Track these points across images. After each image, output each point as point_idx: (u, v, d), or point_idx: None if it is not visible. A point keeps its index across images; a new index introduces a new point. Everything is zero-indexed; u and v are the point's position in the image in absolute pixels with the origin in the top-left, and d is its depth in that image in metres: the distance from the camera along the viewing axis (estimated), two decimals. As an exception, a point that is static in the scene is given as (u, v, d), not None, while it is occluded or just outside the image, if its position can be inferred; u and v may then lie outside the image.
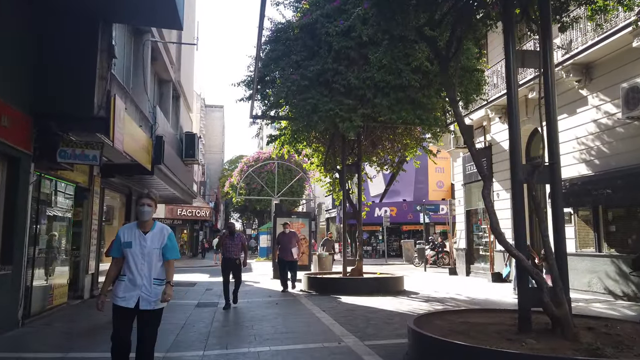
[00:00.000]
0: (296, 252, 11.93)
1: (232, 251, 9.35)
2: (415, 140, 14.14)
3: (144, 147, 10.02)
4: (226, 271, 9.40)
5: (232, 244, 9.35)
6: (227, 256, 9.43)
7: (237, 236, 9.50)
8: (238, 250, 9.38)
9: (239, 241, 9.42)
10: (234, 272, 9.41)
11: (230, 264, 9.39)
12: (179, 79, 15.75)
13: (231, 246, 9.35)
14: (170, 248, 4.08)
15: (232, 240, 9.36)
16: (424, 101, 10.65)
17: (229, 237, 9.43)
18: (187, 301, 10.41)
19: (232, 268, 9.38)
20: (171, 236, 4.15)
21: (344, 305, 9.46)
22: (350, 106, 10.97)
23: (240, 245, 9.42)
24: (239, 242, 9.42)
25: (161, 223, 4.24)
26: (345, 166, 12.82)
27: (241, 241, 9.47)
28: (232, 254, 9.35)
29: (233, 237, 9.39)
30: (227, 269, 9.39)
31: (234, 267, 9.39)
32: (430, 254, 22.72)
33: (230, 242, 9.37)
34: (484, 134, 16.26)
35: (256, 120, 12.72)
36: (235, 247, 9.36)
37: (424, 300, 10.20)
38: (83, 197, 10.01)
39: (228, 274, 9.38)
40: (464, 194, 17.50)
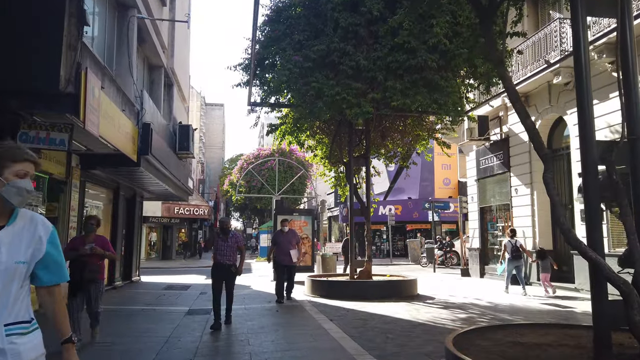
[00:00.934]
0: (296, 255, 9.86)
1: (225, 254, 7.31)
2: (427, 131, 13.01)
3: (128, 135, 8.90)
4: (217, 280, 7.39)
5: (225, 245, 7.33)
6: (219, 261, 7.36)
7: (232, 236, 7.44)
8: (233, 253, 7.35)
9: (234, 242, 7.38)
10: (227, 282, 7.40)
11: (223, 271, 7.33)
12: (172, 66, 14.63)
13: (224, 248, 7.32)
14: (53, 262, 1.93)
15: (225, 241, 7.35)
16: (441, 84, 9.54)
17: (222, 237, 7.42)
18: (176, 307, 9.31)
19: (225, 276, 7.36)
20: (53, 237, 1.96)
21: (354, 313, 8.34)
22: (359, 90, 9.88)
23: (235, 247, 7.39)
24: (234, 244, 7.37)
25: (33, 212, 2.01)
26: (353, 158, 11.70)
27: (237, 242, 7.43)
28: (225, 257, 7.31)
29: (227, 237, 7.37)
30: (219, 277, 7.39)
31: (227, 275, 7.36)
32: (438, 254, 21.59)
33: (222, 243, 7.36)
34: (499, 125, 15.12)
35: (255, 108, 11.60)
36: (229, 250, 7.32)
37: (442, 307, 9.08)
38: (59, 191, 8.90)
39: (219, 284, 7.36)
40: (478, 190, 16.37)
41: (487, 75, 9.91)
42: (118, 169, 10.64)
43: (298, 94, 10.33)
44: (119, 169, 10.30)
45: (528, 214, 13.43)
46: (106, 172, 10.82)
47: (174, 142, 14.45)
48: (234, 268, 7.39)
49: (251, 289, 12.63)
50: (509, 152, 14.41)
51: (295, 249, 9.90)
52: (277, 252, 9.99)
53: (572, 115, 11.72)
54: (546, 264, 11.00)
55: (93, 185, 10.85)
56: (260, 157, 38.89)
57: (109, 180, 11.60)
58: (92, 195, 11.34)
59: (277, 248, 9.99)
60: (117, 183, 12.18)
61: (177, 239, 33.42)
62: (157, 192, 15.00)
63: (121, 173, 11.36)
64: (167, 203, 29.44)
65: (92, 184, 10.63)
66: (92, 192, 11.29)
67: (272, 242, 10.36)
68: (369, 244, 11.48)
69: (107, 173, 11.00)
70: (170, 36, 14.34)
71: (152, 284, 14.20)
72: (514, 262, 11.19)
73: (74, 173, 9.12)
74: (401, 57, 9.46)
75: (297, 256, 10.00)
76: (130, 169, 10.46)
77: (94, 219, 6.21)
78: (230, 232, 7.47)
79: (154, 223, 30.82)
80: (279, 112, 12.34)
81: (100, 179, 11.03)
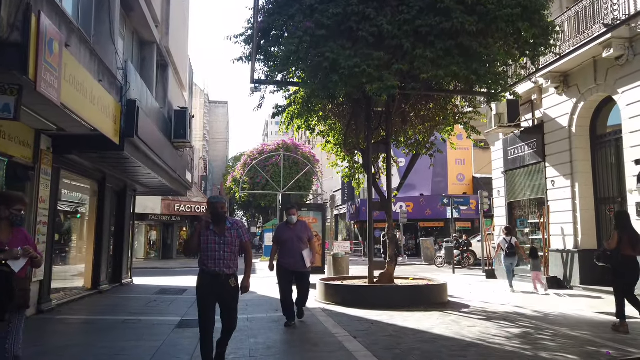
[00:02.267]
0: (309, 257, 6.91)
1: (220, 257, 4.40)
2: (453, 116, 11.44)
3: (107, 111, 7.42)
4: (206, 301, 4.41)
5: (220, 243, 4.43)
6: (210, 269, 4.40)
7: (232, 226, 4.53)
8: (233, 255, 4.49)
9: (234, 237, 4.49)
10: (223, 305, 4.52)
11: (217, 285, 4.41)
12: (167, 45, 13.16)
13: (219, 248, 4.41)
14: None
15: (219, 236, 4.44)
16: (481, 51, 7.99)
17: (213, 230, 4.46)
18: (166, 317, 7.82)
19: (220, 295, 4.44)
20: None
21: (380, 327, 6.81)
22: (381, 61, 8.36)
23: (237, 244, 4.52)
24: (234, 240, 4.49)
25: None
26: (371, 144, 10.17)
27: (240, 236, 4.55)
28: (220, 263, 4.40)
29: (222, 229, 4.47)
30: (209, 296, 4.42)
31: (224, 292, 4.45)
32: (454, 254, 20.04)
33: (215, 238, 4.43)
34: (532, 110, 13.55)
35: (259, 86, 10.10)
36: (228, 250, 4.44)
37: (484, 318, 7.55)
38: (25, 179, 7.43)
39: (210, 307, 4.41)
40: (505, 183, 14.79)
41: (533, 45, 8.35)
42: (100, 155, 9.18)
43: (309, 67, 8.83)
44: (100, 154, 8.83)
45: (568, 208, 11.86)
46: (87, 159, 9.36)
47: (169, 129, 12.99)
48: (234, 282, 4.44)
49: (255, 294, 11.10)
50: (543, 139, 12.83)
51: (308, 247, 6.90)
52: (281, 252, 6.99)
53: (625, 95, 10.14)
54: (537, 262, 11.42)
55: (72, 174, 9.38)
56: (264, 153, 37.49)
57: (93, 169, 10.13)
58: (70, 186, 9.89)
59: (281, 247, 7.01)
60: (103, 173, 10.71)
61: (179, 237, 31.98)
62: (151, 185, 13.54)
63: (106, 161, 9.90)
64: (167, 200, 28.04)
65: (70, 172, 9.16)
66: (71, 183, 9.84)
67: (275, 239, 7.25)
68: (391, 242, 9.95)
69: (89, 160, 9.53)
70: (165, 10, 12.86)
71: (144, 287, 12.74)
72: (508, 258, 11.65)
73: (44, 157, 7.65)
74: (432, 20, 7.95)
75: (311, 258, 6.93)
76: (113, 155, 9.00)
77: (19, 201, 3.66)
78: (229, 221, 4.53)
79: (154, 221, 29.41)
80: (286, 92, 10.82)
81: (81, 168, 9.57)
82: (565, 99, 12.05)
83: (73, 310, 8.45)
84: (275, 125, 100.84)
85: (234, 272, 4.50)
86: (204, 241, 4.46)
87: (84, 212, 10.86)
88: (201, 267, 4.50)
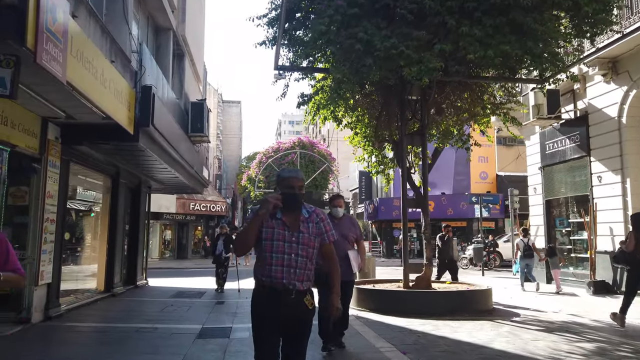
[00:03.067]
0: (357, 260, 5.22)
1: (288, 264, 2.72)
2: (491, 107, 10.53)
3: (120, 96, 6.70)
4: (266, 333, 2.76)
5: (290, 239, 2.74)
6: (273, 281, 2.72)
7: (311, 216, 2.83)
8: (308, 263, 2.78)
9: (314, 235, 2.79)
10: (289, 336, 2.79)
11: (281, 308, 2.73)
12: (184, 34, 12.46)
13: (288, 248, 2.73)
14: None
15: (290, 232, 2.75)
16: (536, 28, 7.09)
17: (280, 218, 2.76)
18: (185, 325, 7.07)
19: (285, 322, 2.75)
20: None
21: (430, 340, 5.96)
22: (421, 41, 7.54)
23: (316, 247, 2.81)
24: (313, 239, 2.79)
25: None
26: (405, 135, 9.31)
27: (322, 235, 2.83)
28: (287, 273, 2.72)
29: (297, 219, 2.78)
30: (271, 324, 2.75)
31: (292, 318, 2.75)
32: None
33: (284, 232, 2.75)
34: (574, 100, 12.56)
35: (283, 73, 9.33)
36: (303, 253, 2.74)
37: (543, 329, 6.65)
38: (31, 171, 6.74)
39: (271, 343, 2.74)
40: (543, 180, 13.80)
41: (592, 23, 7.41)
42: (114, 147, 8.47)
43: (340, 50, 8.02)
44: (113, 145, 8.11)
45: (618, 206, 10.86)
46: (99, 151, 8.66)
47: (186, 122, 12.29)
48: (310, 300, 2.80)
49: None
50: (588, 131, 11.84)
51: (355, 249, 5.33)
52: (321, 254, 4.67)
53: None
54: (555, 260, 11.43)
55: (83, 168, 8.69)
56: (280, 151, 36.75)
57: (106, 163, 9.44)
58: (82, 181, 9.22)
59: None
60: (117, 167, 10.02)
61: (193, 237, 31.35)
62: (167, 181, 12.84)
63: (119, 153, 9.20)
64: (182, 198, 27.47)
65: (81, 165, 8.47)
66: (82, 177, 9.17)
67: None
68: (428, 243, 9.09)
69: (102, 153, 8.83)
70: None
71: (160, 289, 12.05)
72: (525, 259, 11.62)
73: (52, 148, 6.95)
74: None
75: (359, 262, 5.25)
76: (127, 147, 8.29)
77: None
78: (306, 209, 2.84)
79: (169, 220, 28.85)
80: (312, 80, 10.02)
81: (93, 161, 8.87)
82: (614, 87, 11.04)
83: (83, 316, 7.74)
84: (288, 124, 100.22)
85: (309, 288, 2.80)
86: (266, 236, 2.72)
87: (96, 210, 10.19)
88: (258, 277, 2.79)
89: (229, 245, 11.34)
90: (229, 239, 11.44)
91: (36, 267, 6.64)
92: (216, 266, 11.34)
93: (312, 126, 67.76)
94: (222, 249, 11.24)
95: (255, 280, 2.84)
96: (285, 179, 2.85)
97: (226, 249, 11.23)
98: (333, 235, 2.88)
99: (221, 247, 11.26)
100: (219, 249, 11.30)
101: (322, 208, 13.37)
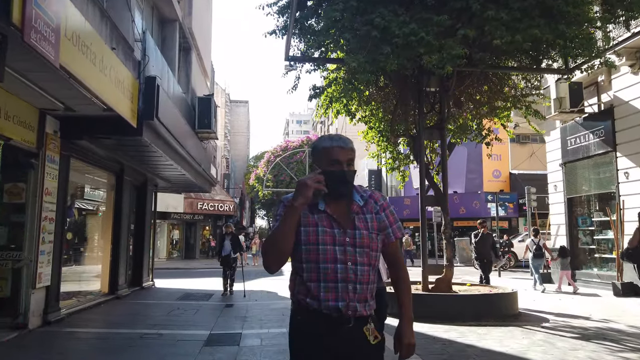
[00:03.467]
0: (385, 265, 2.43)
1: (341, 277, 1.83)
2: (512, 99, 9.98)
3: (122, 86, 6.27)
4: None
5: (340, 239, 1.85)
6: (321, 302, 1.83)
7: (367, 204, 1.93)
8: (370, 273, 1.89)
9: (375, 230, 1.91)
10: None
11: (334, 341, 1.83)
12: (190, 26, 12.03)
13: (339, 252, 1.84)
14: None
15: (340, 229, 1.86)
16: (569, 10, 6.56)
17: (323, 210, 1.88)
18: (192, 331, 6.63)
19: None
20: None
21: (457, 348, 5.46)
22: (442, 27, 7.03)
23: (378, 248, 1.93)
24: (375, 237, 1.90)
25: None
26: (424, 129, 8.80)
27: (387, 230, 1.96)
28: (341, 291, 1.83)
29: (348, 211, 1.90)
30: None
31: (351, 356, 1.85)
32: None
33: (332, 230, 1.86)
34: (597, 93, 11.99)
35: (294, 64, 8.86)
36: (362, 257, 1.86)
37: (578, 337, 6.12)
38: (28, 167, 6.34)
39: None
40: (564, 177, 13.22)
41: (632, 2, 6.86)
42: (116, 142, 8.06)
43: (355, 37, 7.53)
44: (115, 139, 7.70)
45: (648, 204, 10.29)
46: (102, 147, 8.24)
47: (193, 118, 11.87)
48: (373, 330, 1.88)
49: (290, 300, 9.88)
50: (613, 126, 11.26)
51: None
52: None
53: None
54: (566, 262, 11.23)
55: (85, 164, 8.27)
56: (288, 149, 36.37)
57: (109, 159, 9.03)
58: (83, 179, 8.82)
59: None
60: (121, 164, 9.61)
61: (201, 237, 31.00)
62: (174, 179, 12.43)
63: (123, 149, 8.79)
64: (189, 198, 27.11)
65: (82, 161, 8.06)
66: (84, 174, 8.76)
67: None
68: (448, 242, 8.58)
69: (104, 148, 8.41)
70: (188, -12, 11.75)
71: (167, 291, 11.63)
72: (536, 259, 11.63)
73: (50, 142, 6.54)
74: (507, -25, 6.59)
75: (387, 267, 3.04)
76: (131, 142, 7.87)
77: None
78: (359, 194, 1.96)
79: (176, 220, 28.52)
80: (324, 71, 9.55)
81: (95, 157, 8.47)
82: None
83: (85, 320, 7.32)
84: (296, 124, 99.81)
85: (371, 312, 1.91)
86: (307, 239, 1.86)
87: (100, 208, 9.80)
88: (298, 299, 1.90)
89: (237, 245, 10.85)
90: (236, 239, 10.96)
91: (33, 269, 6.23)
92: (223, 268, 10.79)
93: (320, 125, 67.33)
94: (230, 249, 10.71)
95: (294, 302, 1.93)
96: (326, 150, 1.89)
97: (234, 249, 10.73)
98: (400, 229, 1.99)
99: (229, 248, 10.72)
100: (226, 250, 10.72)
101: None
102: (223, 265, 10.77)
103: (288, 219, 1.80)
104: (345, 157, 1.88)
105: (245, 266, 11.22)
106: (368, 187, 2.41)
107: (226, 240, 10.83)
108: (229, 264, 10.66)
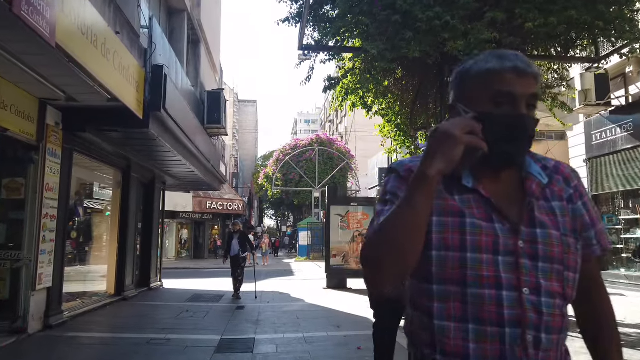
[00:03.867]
0: None
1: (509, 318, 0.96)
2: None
3: (127, 73, 5.86)
4: None
5: (508, 245, 1.00)
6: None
7: (552, 185, 1.07)
8: (562, 306, 1.01)
9: (569, 229, 1.04)
10: None
11: None
12: (199, 18, 11.63)
13: (507, 268, 0.98)
14: None
15: (501, 224, 1.01)
16: (608, -10, 6.05)
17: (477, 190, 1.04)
18: (202, 335, 6.20)
19: None
20: None
21: None
22: (469, 10, 6.56)
23: (577, 260, 1.05)
24: (569, 242, 1.03)
25: None
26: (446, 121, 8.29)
27: (587, 233, 1.09)
28: (512, 342, 0.95)
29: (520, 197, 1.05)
30: None
31: None
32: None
33: (489, 230, 1.00)
34: (625, 85, 11.40)
35: (308, 53, 8.43)
36: (549, 278, 0.99)
37: (623, 343, 5.59)
38: (28, 161, 5.94)
39: None
40: (589, 173, 12.63)
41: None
42: (122, 135, 7.66)
43: (375, 23, 7.07)
44: (121, 132, 7.30)
45: (681, 201, 9.71)
46: (107, 141, 7.83)
47: (202, 112, 11.46)
48: None
49: (304, 301, 9.44)
50: (643, 119, 10.68)
51: None
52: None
53: None
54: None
55: (89, 158, 7.89)
56: (297, 148, 35.92)
57: (115, 154, 8.64)
58: (88, 175, 8.43)
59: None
60: (127, 160, 9.23)
61: (210, 236, 30.66)
62: (183, 176, 12.05)
63: (129, 143, 8.39)
64: (198, 197, 26.78)
65: (86, 156, 7.68)
66: (89, 171, 8.38)
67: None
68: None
69: (109, 142, 8.00)
70: (195, -24, 11.34)
71: (175, 292, 11.24)
72: None
73: (51, 135, 6.14)
74: (540, -46, 6.10)
75: None
76: (137, 135, 7.47)
77: None
78: (535, 164, 1.11)
79: (185, 219, 28.21)
80: (340, 61, 9.09)
81: (100, 152, 8.08)
82: (675, 68, 9.89)
83: (89, 324, 6.93)
84: (304, 123, 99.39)
85: None
86: (441, 242, 1.01)
87: (106, 207, 9.42)
88: (424, 353, 1.03)
89: (245, 244, 10.25)
90: (245, 237, 10.38)
91: (33, 269, 5.84)
92: (232, 268, 10.21)
93: (329, 124, 66.84)
94: (238, 248, 10.12)
95: (414, 357, 1.08)
96: (491, 74, 1.03)
97: (243, 248, 10.13)
98: (606, 233, 1.13)
99: (237, 247, 10.13)
100: (234, 250, 10.13)
101: (347, 204, 12.45)
102: (232, 266, 10.25)
103: (417, 196, 0.94)
104: (526, 89, 1.01)
105: (255, 266, 10.74)
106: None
107: (234, 239, 10.25)
108: (237, 264, 10.11)
